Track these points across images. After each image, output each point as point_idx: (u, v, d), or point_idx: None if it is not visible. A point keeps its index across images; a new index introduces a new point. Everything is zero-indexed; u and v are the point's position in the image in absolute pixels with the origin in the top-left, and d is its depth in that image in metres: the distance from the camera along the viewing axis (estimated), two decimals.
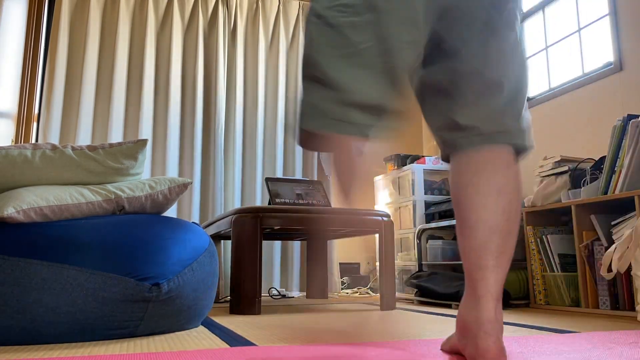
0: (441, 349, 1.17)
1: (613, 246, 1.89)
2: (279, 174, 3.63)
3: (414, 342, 1.32)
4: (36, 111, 3.28)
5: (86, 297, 1.33)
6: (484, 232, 1.01)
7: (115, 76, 3.35)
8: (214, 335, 1.49)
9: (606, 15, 2.70)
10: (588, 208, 2.24)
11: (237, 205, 3.53)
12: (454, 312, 2.24)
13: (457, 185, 1.08)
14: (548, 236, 2.43)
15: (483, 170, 1.05)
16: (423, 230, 3.16)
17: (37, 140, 3.24)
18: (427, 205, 3.29)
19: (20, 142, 3.20)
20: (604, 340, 1.33)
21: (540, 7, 3.22)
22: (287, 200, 2.54)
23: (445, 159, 1.17)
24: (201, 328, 1.67)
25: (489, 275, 0.99)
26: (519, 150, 1.09)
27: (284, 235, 3.00)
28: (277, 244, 3.56)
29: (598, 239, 2.18)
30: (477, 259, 1.01)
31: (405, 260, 3.31)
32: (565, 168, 2.44)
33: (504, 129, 1.07)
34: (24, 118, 3.24)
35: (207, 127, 3.55)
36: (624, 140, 2.15)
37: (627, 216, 2.07)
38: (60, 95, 3.25)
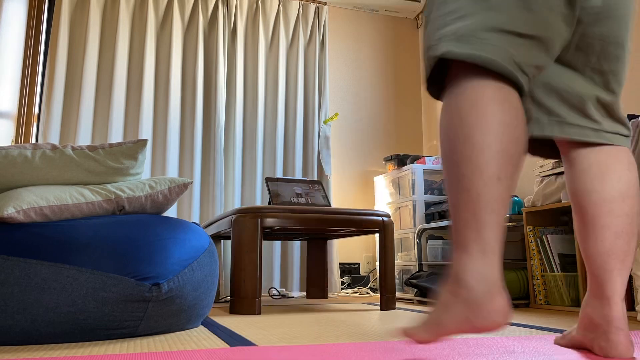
0: (556, 343, 1.23)
1: None
2: (279, 174, 3.63)
3: None
4: (36, 111, 3.28)
5: (86, 297, 1.33)
6: (610, 237, 1.06)
7: (115, 76, 3.35)
8: (214, 335, 1.49)
9: None
10: None
11: (237, 205, 3.53)
12: None
13: (579, 190, 1.11)
14: (548, 236, 2.43)
15: (607, 175, 1.08)
16: (423, 230, 3.16)
17: (37, 140, 3.24)
18: (427, 205, 3.29)
19: (20, 142, 3.20)
20: None
21: None
22: (287, 200, 2.54)
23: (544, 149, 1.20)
24: (201, 328, 1.67)
25: (616, 278, 1.05)
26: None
27: (284, 235, 3.00)
28: (277, 244, 3.56)
29: None
30: (603, 263, 1.06)
31: (405, 260, 3.31)
32: None
33: (624, 130, 1.12)
34: (24, 118, 3.24)
35: (207, 127, 3.55)
36: None
37: None
38: (60, 95, 3.25)
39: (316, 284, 3.17)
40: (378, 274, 2.97)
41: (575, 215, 1.13)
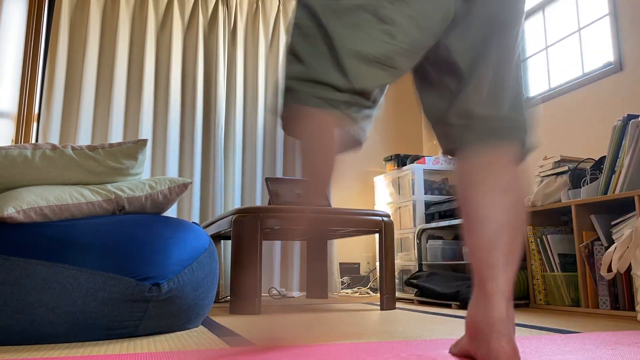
0: (450, 352, 1.13)
1: (613, 246, 1.89)
2: (279, 174, 3.63)
3: (414, 342, 1.32)
4: (36, 111, 3.28)
5: (86, 297, 1.33)
6: (493, 229, 1.00)
7: (115, 76, 3.35)
8: (214, 335, 1.48)
9: (606, 15, 2.70)
10: (588, 208, 2.24)
11: (237, 205, 3.52)
12: (454, 312, 2.24)
13: (464, 183, 1.07)
14: (548, 236, 2.43)
15: (491, 168, 1.04)
16: (423, 230, 3.16)
17: (37, 140, 3.24)
18: (427, 205, 3.29)
19: (20, 142, 3.20)
20: (605, 341, 1.33)
21: (540, 7, 3.22)
22: (287, 200, 2.54)
23: (448, 153, 1.15)
24: (201, 328, 1.67)
25: (499, 273, 0.97)
26: (525, 148, 1.09)
27: (284, 235, 3.00)
28: (277, 244, 3.56)
29: (598, 239, 2.18)
30: (486, 257, 0.99)
31: (405, 260, 3.31)
32: (565, 168, 2.44)
33: (512, 124, 1.07)
34: (24, 118, 3.24)
35: (207, 127, 3.55)
36: (624, 140, 2.15)
37: (627, 216, 2.06)
38: (60, 95, 3.25)
39: (316, 284, 3.17)
40: (378, 274, 2.97)
41: (462, 206, 1.08)
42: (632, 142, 2.09)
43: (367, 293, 3.48)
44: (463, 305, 2.38)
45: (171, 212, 3.33)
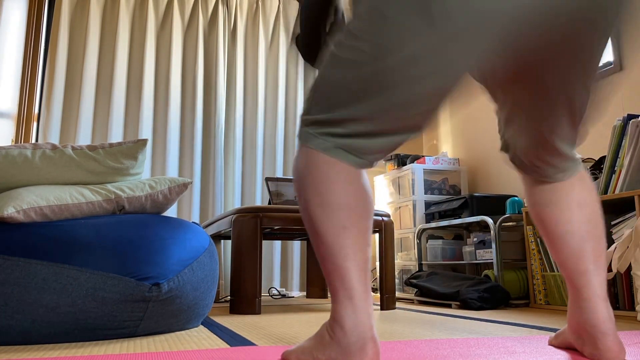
0: (550, 344, 1.23)
1: (613, 246, 1.89)
2: (279, 174, 3.63)
3: (414, 342, 1.32)
4: (36, 111, 3.28)
5: (86, 297, 1.33)
6: (576, 241, 1.07)
7: (115, 76, 3.35)
8: (214, 335, 1.49)
9: None
10: None
11: (237, 205, 3.52)
12: (454, 312, 2.24)
13: (536, 204, 1.12)
14: None
15: (564, 187, 1.10)
16: (423, 230, 3.16)
17: (37, 140, 3.24)
18: (427, 205, 3.29)
19: (20, 142, 3.20)
20: None
21: None
22: (287, 200, 2.54)
23: (515, 163, 1.15)
24: (201, 328, 1.67)
25: (591, 279, 1.04)
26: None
27: (284, 235, 3.00)
28: (277, 244, 3.56)
29: None
30: (575, 266, 1.06)
31: (405, 260, 3.31)
32: None
33: (578, 143, 1.12)
34: (24, 118, 3.24)
35: (207, 127, 3.55)
36: (624, 140, 2.15)
37: (627, 216, 2.06)
38: (60, 95, 3.25)
39: (316, 284, 3.17)
40: (378, 273, 2.97)
41: (539, 227, 1.14)
42: (632, 141, 2.09)
43: None
44: (463, 305, 2.38)
45: (171, 212, 3.33)
